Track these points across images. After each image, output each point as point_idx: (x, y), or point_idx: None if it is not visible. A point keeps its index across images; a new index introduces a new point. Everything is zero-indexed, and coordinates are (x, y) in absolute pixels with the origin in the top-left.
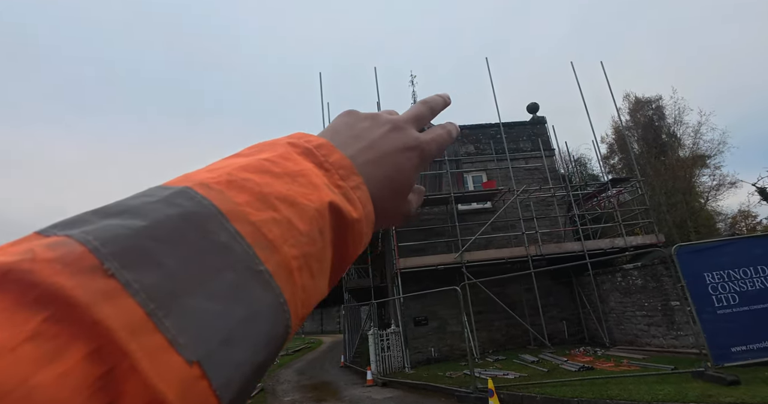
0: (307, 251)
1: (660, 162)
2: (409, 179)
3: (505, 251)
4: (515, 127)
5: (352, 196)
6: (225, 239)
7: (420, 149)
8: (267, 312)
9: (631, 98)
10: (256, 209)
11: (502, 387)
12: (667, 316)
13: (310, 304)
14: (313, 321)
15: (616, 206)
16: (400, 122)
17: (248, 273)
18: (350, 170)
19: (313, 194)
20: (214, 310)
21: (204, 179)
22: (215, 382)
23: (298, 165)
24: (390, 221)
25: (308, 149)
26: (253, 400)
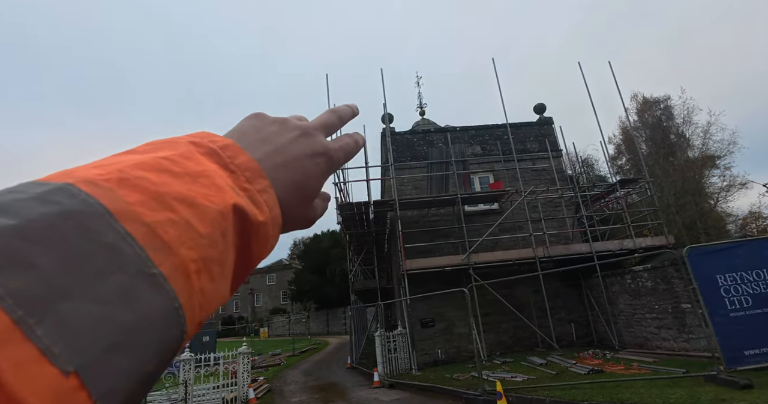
0: (207, 254)
1: (669, 163)
2: (317, 185)
3: (513, 253)
4: (522, 128)
5: (259, 199)
6: (113, 240)
7: (328, 155)
8: (159, 316)
9: (638, 98)
10: (151, 210)
11: (511, 390)
12: (678, 319)
13: (209, 308)
14: (320, 322)
15: (624, 208)
16: (309, 128)
17: (140, 276)
18: (257, 173)
19: (216, 196)
20: (98, 315)
21: (90, 175)
22: (95, 393)
23: (200, 165)
24: (296, 225)
25: (213, 150)
26: (260, 400)
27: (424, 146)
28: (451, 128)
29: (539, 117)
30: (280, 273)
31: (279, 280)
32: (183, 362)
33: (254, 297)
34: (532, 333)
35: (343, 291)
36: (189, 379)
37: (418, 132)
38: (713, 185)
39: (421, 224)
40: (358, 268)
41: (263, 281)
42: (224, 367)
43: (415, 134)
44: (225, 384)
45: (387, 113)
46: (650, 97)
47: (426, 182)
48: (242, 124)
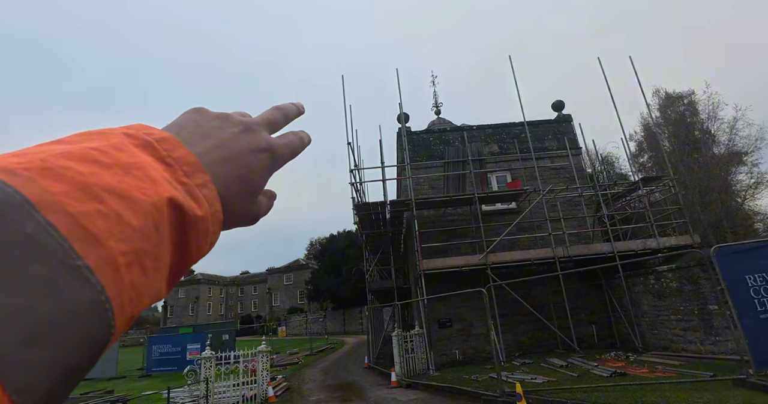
0: (138, 247)
1: (693, 160)
2: (260, 181)
3: (531, 253)
4: (540, 125)
5: (197, 193)
6: (32, 230)
7: (272, 151)
8: (83, 309)
9: (661, 94)
10: (77, 200)
11: (531, 392)
12: (704, 320)
13: (141, 303)
14: (336, 321)
15: (647, 206)
16: (253, 124)
17: (62, 268)
18: (196, 167)
19: (149, 189)
20: (15, 306)
21: (8, 164)
22: (9, 387)
23: (133, 157)
24: (239, 222)
25: (148, 142)
26: (279, 398)
27: (440, 146)
28: (468, 126)
29: (558, 114)
30: (297, 273)
31: (296, 280)
32: (204, 360)
33: (272, 297)
34: (552, 335)
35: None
36: (210, 377)
37: (434, 131)
38: (740, 183)
39: (438, 224)
40: (374, 268)
41: (280, 281)
42: (244, 365)
43: (431, 134)
44: (245, 382)
45: (402, 112)
46: (673, 93)
47: (442, 182)
48: (181, 118)
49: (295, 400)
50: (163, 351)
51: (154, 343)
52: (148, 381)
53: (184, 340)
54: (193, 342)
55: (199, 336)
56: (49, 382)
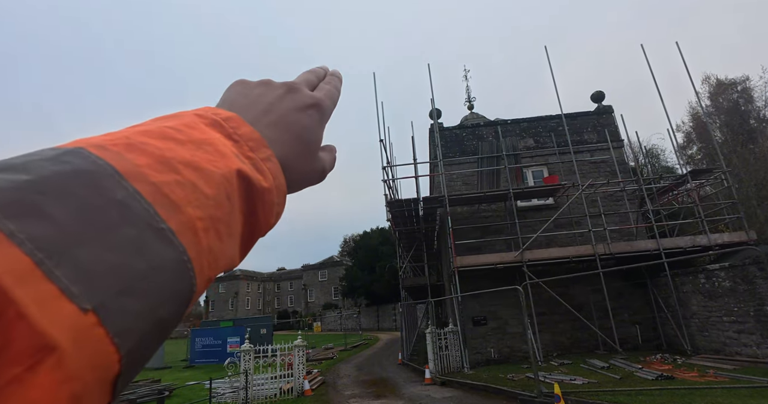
0: (213, 214)
1: (748, 151)
2: (315, 136)
3: (570, 250)
4: (578, 118)
5: (262, 167)
6: (122, 196)
7: (318, 105)
8: (169, 267)
9: (711, 81)
10: (157, 171)
11: (570, 393)
12: (761, 322)
13: (217, 267)
14: (370, 317)
15: (696, 201)
16: (293, 84)
17: (149, 230)
18: (260, 143)
19: (219, 161)
20: (112, 262)
21: (99, 141)
22: (112, 330)
23: (204, 134)
24: (306, 180)
25: (216, 121)
26: (315, 392)
27: (473, 141)
28: (502, 121)
29: (597, 106)
30: (331, 269)
31: (330, 276)
32: (243, 352)
33: (307, 293)
34: (592, 335)
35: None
36: (249, 369)
37: (467, 127)
38: None
39: (472, 221)
40: (407, 265)
41: (315, 277)
42: (281, 359)
43: (464, 129)
44: (282, 375)
45: (435, 108)
46: (725, 79)
47: (476, 178)
48: (228, 93)
49: (331, 394)
50: (205, 344)
51: (197, 336)
52: (191, 372)
53: (224, 333)
54: (233, 336)
55: (239, 329)
56: (142, 330)
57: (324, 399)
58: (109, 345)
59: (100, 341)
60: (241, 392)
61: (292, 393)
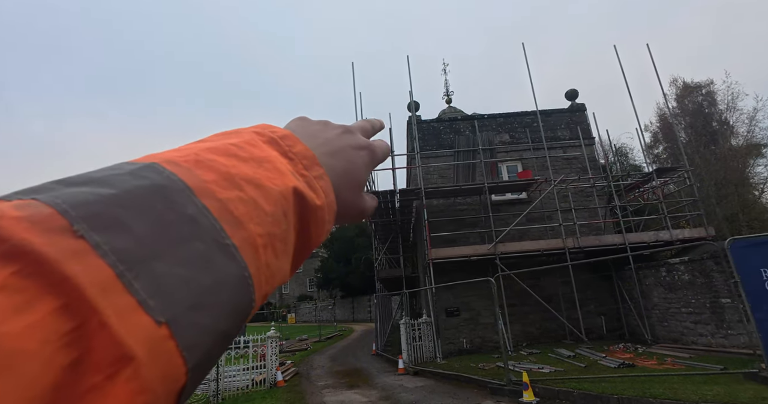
0: (271, 231)
1: (710, 151)
2: (363, 174)
3: (541, 243)
4: (553, 115)
5: (315, 185)
6: (192, 212)
7: (370, 149)
8: (233, 282)
9: (678, 83)
10: (223, 188)
11: (537, 381)
12: (716, 314)
13: (273, 282)
14: (345, 309)
15: (661, 198)
16: (350, 127)
17: (215, 245)
18: (313, 161)
19: (278, 179)
20: (183, 276)
21: (172, 157)
22: (182, 343)
23: (263, 152)
24: (349, 215)
25: (273, 139)
26: (288, 383)
27: (450, 134)
28: (479, 115)
29: (571, 103)
30: (307, 261)
31: (305, 268)
32: None
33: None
34: (560, 325)
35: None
36: (220, 360)
37: (445, 120)
38: (758, 175)
39: (447, 213)
40: (383, 256)
41: None
42: (253, 350)
43: (442, 122)
44: (254, 367)
45: (413, 100)
46: (691, 82)
47: (452, 171)
48: (290, 125)
49: (304, 385)
50: None
51: None
52: None
53: None
54: None
55: None
56: (207, 344)
57: (297, 389)
58: (179, 358)
59: (171, 353)
60: (212, 384)
61: (264, 385)
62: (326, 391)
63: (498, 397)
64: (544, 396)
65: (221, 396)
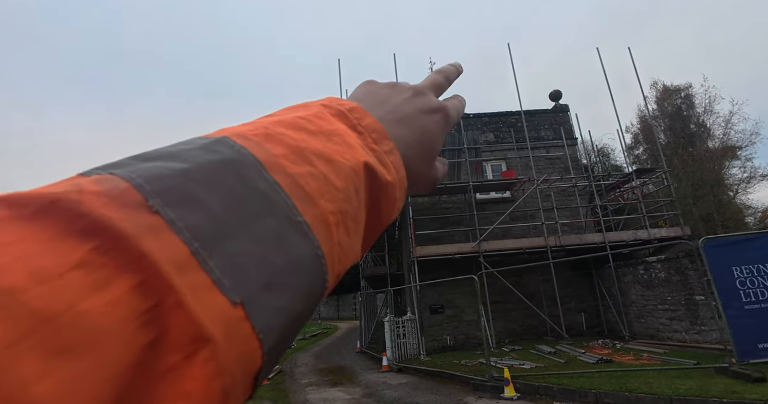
0: (343, 208)
1: (687, 153)
2: (437, 142)
3: (524, 241)
4: (537, 115)
5: (386, 160)
6: (263, 187)
7: (444, 112)
8: (306, 262)
9: (658, 86)
10: (293, 162)
11: (518, 377)
12: (690, 310)
13: (346, 262)
14: (329, 306)
15: (640, 198)
16: (422, 88)
17: (287, 222)
18: (383, 135)
19: (348, 153)
20: (257, 254)
21: (242, 131)
22: (258, 325)
23: (332, 125)
24: (420, 186)
25: (341, 112)
26: (271, 381)
27: None
28: (464, 114)
29: (555, 104)
30: None
31: None
32: None
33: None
34: (542, 322)
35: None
36: None
37: None
38: (733, 177)
39: (432, 212)
40: (368, 254)
41: None
42: None
43: None
44: None
45: None
46: (671, 86)
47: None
48: (357, 91)
49: (287, 383)
50: None
51: None
52: None
53: None
54: None
55: None
56: (283, 325)
57: (280, 387)
58: (255, 340)
59: (246, 335)
60: None
61: None
62: (310, 389)
63: (480, 393)
64: (524, 392)
65: None
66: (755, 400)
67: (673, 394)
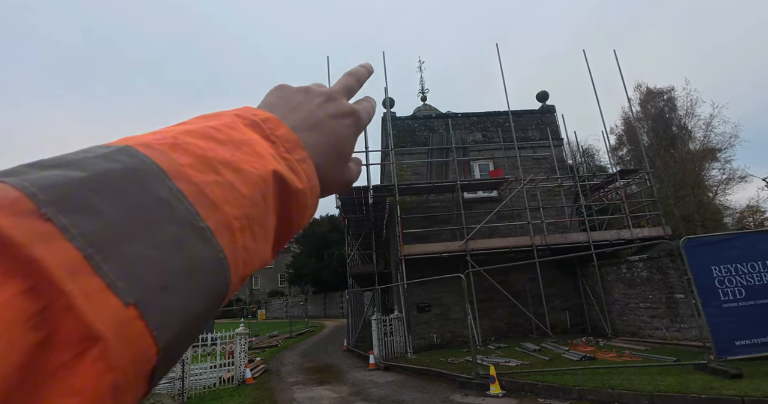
0: (249, 213)
1: (669, 155)
2: (349, 145)
3: (510, 240)
4: (524, 115)
5: (297, 168)
6: (166, 195)
7: (356, 115)
8: (206, 265)
9: (642, 89)
10: (199, 171)
11: (504, 374)
12: (671, 308)
13: (251, 265)
14: (317, 305)
15: (623, 198)
16: (333, 92)
17: (189, 228)
18: (296, 144)
19: (257, 162)
20: (154, 258)
21: (147, 140)
22: (151, 323)
23: (243, 135)
24: (334, 188)
25: (255, 122)
26: (257, 380)
27: (425, 132)
28: (453, 114)
29: (542, 105)
30: (278, 256)
31: (277, 263)
32: None
33: (252, 280)
34: (527, 320)
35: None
36: (186, 358)
37: (419, 118)
38: (713, 178)
39: (420, 210)
40: (356, 252)
41: None
42: (221, 347)
43: (416, 120)
44: (222, 364)
45: (388, 97)
46: (654, 88)
47: (426, 168)
48: (269, 97)
49: (273, 382)
50: None
51: None
52: None
53: None
54: None
55: None
56: (179, 325)
57: (266, 387)
58: (149, 338)
59: (140, 334)
60: (177, 382)
61: (232, 382)
62: (296, 388)
63: (466, 391)
64: (510, 389)
65: (187, 395)
66: (732, 396)
67: (654, 390)
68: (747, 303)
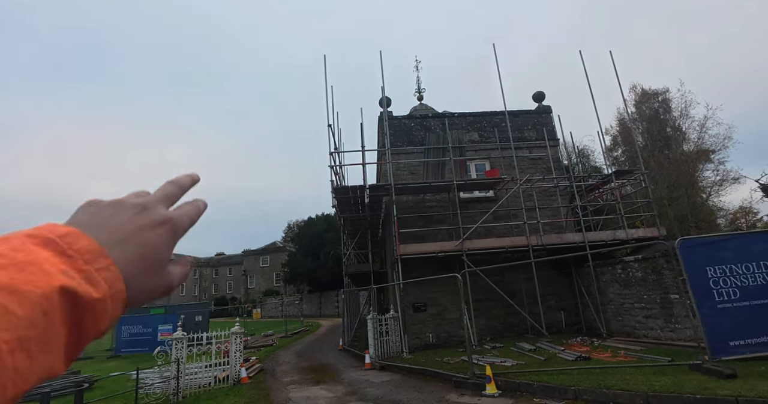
0: (23, 334)
1: (664, 156)
2: (163, 253)
3: (506, 240)
4: (520, 115)
5: (96, 277)
6: None
7: (170, 224)
8: None
9: (637, 90)
10: None
11: (500, 374)
12: (665, 309)
13: (26, 383)
14: (312, 304)
15: (618, 199)
16: (148, 203)
17: None
18: (98, 254)
19: (41, 281)
20: None
21: None
22: None
23: (30, 255)
24: (153, 294)
25: (49, 239)
26: (252, 380)
27: (421, 132)
28: (449, 113)
29: (538, 105)
30: (274, 256)
31: (272, 262)
32: (175, 341)
33: (247, 279)
34: (523, 320)
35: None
36: (181, 358)
37: (416, 117)
38: (706, 179)
39: (416, 210)
40: (352, 252)
41: (256, 263)
42: (217, 347)
43: (413, 119)
44: (217, 364)
45: (385, 96)
46: (649, 90)
47: (422, 168)
48: (79, 213)
49: (268, 381)
50: (133, 332)
51: (124, 324)
52: (116, 362)
53: (155, 321)
54: (165, 323)
55: (171, 317)
56: None
57: (261, 386)
58: None
59: None
60: (172, 381)
61: (227, 382)
62: (292, 387)
63: (462, 390)
64: (505, 389)
65: (182, 394)
66: (727, 396)
67: (649, 390)
68: (741, 303)
